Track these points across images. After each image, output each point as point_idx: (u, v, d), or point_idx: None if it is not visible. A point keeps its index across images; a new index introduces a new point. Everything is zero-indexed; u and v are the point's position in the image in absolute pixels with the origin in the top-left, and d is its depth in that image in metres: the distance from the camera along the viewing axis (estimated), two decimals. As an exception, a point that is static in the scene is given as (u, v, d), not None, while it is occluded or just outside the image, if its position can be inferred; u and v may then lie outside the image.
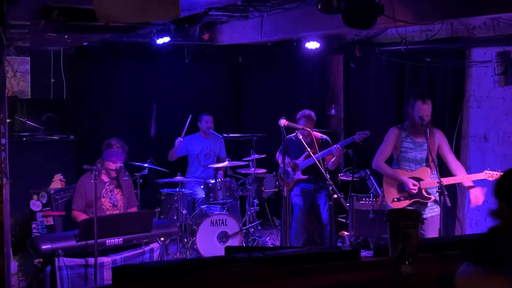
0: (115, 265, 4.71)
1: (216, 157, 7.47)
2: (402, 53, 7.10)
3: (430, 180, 5.18)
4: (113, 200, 5.52)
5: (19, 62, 7.13)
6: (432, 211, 5.24)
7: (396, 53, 7.31)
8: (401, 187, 5.26)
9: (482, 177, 5.15)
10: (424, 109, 5.16)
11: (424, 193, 5.22)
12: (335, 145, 6.33)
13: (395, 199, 5.29)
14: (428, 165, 5.18)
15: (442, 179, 5.01)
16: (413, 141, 5.25)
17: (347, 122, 8.59)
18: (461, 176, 5.24)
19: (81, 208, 5.44)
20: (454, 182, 5.29)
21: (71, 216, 5.55)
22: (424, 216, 5.19)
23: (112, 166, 5.44)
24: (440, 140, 5.32)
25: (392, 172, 5.33)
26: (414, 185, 5.17)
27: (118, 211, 5.52)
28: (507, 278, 2.16)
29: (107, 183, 5.50)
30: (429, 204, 5.25)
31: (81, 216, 5.35)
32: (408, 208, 5.11)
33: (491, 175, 5.09)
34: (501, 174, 5.05)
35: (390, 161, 5.50)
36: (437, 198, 5.12)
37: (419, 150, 5.23)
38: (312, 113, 6.59)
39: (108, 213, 5.46)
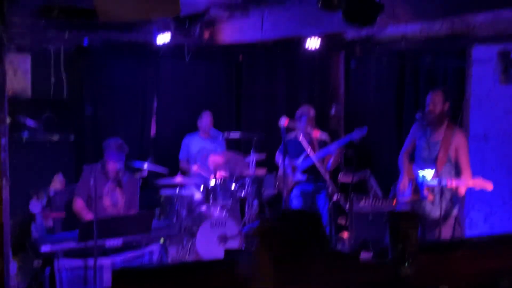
0: (114, 266, 4.71)
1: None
2: (402, 52, 7.09)
3: (431, 180, 5.17)
4: (114, 200, 5.54)
5: (20, 61, 7.12)
6: (436, 212, 5.21)
7: (396, 52, 7.30)
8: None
9: (470, 184, 5.01)
10: (431, 98, 5.15)
11: (424, 192, 5.20)
12: (332, 145, 6.31)
13: (402, 192, 5.40)
14: (435, 165, 5.14)
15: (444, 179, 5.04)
16: (427, 140, 5.24)
17: (347, 121, 8.58)
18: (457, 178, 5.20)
19: (83, 197, 5.44)
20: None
21: (72, 204, 5.55)
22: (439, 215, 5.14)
23: (108, 166, 5.45)
24: (459, 142, 5.16)
25: (402, 167, 5.43)
26: (403, 185, 5.27)
27: (117, 211, 5.52)
28: None
29: (110, 180, 5.53)
30: (427, 204, 5.23)
31: (83, 210, 5.37)
32: (408, 209, 5.11)
33: (476, 183, 4.96)
34: (486, 185, 4.96)
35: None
36: (438, 198, 5.11)
37: (432, 149, 5.21)
38: (311, 109, 6.56)
39: (108, 211, 5.47)
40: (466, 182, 5.05)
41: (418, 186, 5.24)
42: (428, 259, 3.09)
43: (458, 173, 5.18)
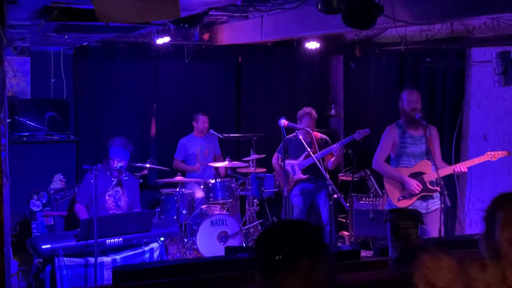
0: (115, 265, 4.71)
1: (214, 155, 7.48)
2: (402, 53, 7.10)
3: (432, 172, 5.16)
4: (116, 200, 5.54)
5: (19, 62, 7.13)
6: (436, 204, 5.22)
7: (396, 53, 7.30)
8: (404, 185, 5.26)
9: (485, 159, 5.14)
10: (412, 98, 5.17)
11: (429, 185, 5.20)
12: (334, 145, 6.32)
13: (401, 198, 5.24)
14: (428, 158, 5.18)
15: (440, 170, 5.02)
16: (411, 135, 5.24)
17: (347, 122, 8.59)
18: (460, 163, 5.21)
19: (84, 202, 5.45)
20: (451, 171, 5.15)
21: (74, 207, 5.56)
22: (429, 210, 5.19)
23: (114, 164, 5.43)
24: (434, 134, 5.31)
25: (393, 172, 5.28)
26: (418, 185, 5.14)
27: (120, 211, 5.52)
28: None
29: (114, 182, 5.52)
30: (434, 196, 5.23)
31: (82, 213, 5.37)
32: (408, 208, 5.10)
33: (493, 155, 5.09)
34: (503, 153, 5.00)
35: (388, 159, 5.49)
36: (441, 188, 5.12)
37: (418, 144, 5.22)
38: (313, 111, 6.59)
39: (111, 212, 5.47)
40: (468, 161, 5.14)
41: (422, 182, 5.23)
42: (429, 257, 3.09)
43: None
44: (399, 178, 5.23)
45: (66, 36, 6.09)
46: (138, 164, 6.54)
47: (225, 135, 7.48)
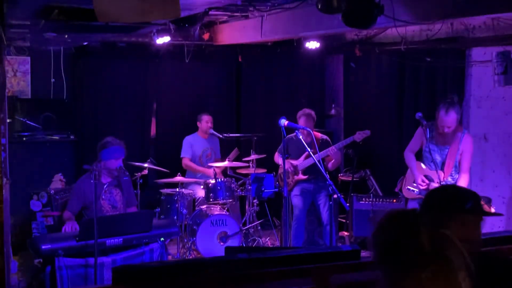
0: (115, 265, 4.69)
1: (215, 157, 7.48)
2: (402, 53, 7.10)
3: (436, 184, 5.19)
4: (112, 202, 5.44)
5: (19, 62, 7.13)
6: None
7: (396, 53, 7.31)
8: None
9: None
10: (445, 121, 5.09)
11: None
12: (331, 147, 6.33)
13: (408, 188, 5.49)
14: (443, 169, 5.20)
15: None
16: (438, 144, 5.27)
17: (347, 121, 8.59)
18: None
19: (75, 211, 5.37)
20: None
21: (62, 216, 5.51)
22: None
23: (114, 164, 5.35)
24: (465, 146, 5.23)
25: (411, 164, 5.47)
26: (423, 181, 5.27)
27: (117, 212, 5.48)
28: None
29: (106, 185, 5.43)
30: None
31: (68, 221, 5.25)
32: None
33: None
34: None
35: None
36: None
37: (441, 153, 5.25)
38: (312, 112, 6.60)
39: (108, 214, 5.42)
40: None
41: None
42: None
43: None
44: (413, 171, 5.43)
45: (66, 36, 6.10)
46: (137, 164, 6.53)
47: (225, 135, 7.47)
